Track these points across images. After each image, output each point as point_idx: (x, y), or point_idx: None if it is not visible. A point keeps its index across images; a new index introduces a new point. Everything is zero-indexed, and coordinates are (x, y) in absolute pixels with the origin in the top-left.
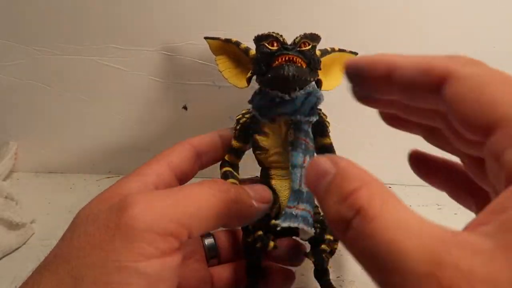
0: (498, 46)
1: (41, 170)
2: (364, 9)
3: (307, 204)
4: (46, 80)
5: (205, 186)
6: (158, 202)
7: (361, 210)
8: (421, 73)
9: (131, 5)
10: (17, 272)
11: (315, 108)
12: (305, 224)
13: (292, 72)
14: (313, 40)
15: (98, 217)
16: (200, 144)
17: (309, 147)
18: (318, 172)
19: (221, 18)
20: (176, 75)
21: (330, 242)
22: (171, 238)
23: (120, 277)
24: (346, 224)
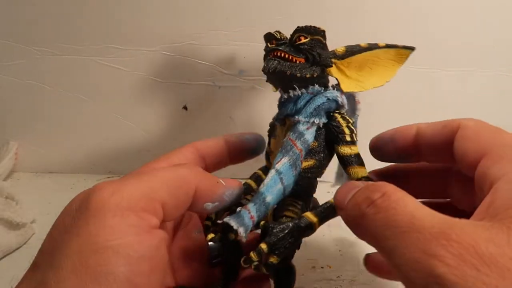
0: (497, 46)
1: (41, 170)
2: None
3: (252, 203)
4: (46, 80)
5: (168, 167)
6: (122, 184)
7: (386, 193)
8: (441, 127)
9: (131, 5)
10: (17, 272)
11: (321, 110)
12: (237, 221)
13: (272, 67)
14: (311, 34)
15: (72, 209)
16: (204, 148)
17: (294, 149)
18: (350, 187)
19: (221, 18)
20: (176, 75)
21: (261, 252)
22: (145, 214)
23: (97, 259)
24: (370, 202)
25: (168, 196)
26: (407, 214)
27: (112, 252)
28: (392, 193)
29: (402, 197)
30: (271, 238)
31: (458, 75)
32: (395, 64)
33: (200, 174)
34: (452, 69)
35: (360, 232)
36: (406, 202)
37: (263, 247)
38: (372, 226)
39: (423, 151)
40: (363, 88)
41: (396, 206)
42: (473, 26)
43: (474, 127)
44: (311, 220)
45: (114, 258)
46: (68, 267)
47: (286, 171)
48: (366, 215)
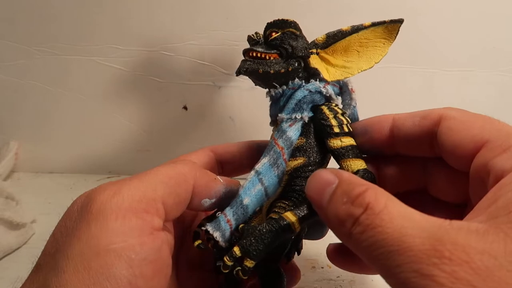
0: (497, 46)
1: (41, 170)
2: None
3: (229, 208)
4: (46, 80)
5: (166, 164)
6: (123, 185)
7: (369, 206)
8: (420, 119)
9: (131, 5)
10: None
11: (303, 104)
12: (213, 227)
13: (241, 68)
14: (281, 27)
15: (74, 211)
16: (223, 152)
17: (276, 148)
18: (320, 182)
19: (221, 18)
20: (176, 75)
21: (233, 255)
22: (146, 214)
23: (99, 262)
24: (354, 220)
25: (168, 194)
26: (395, 231)
27: (114, 255)
28: (374, 204)
29: (387, 206)
30: (243, 241)
31: (458, 75)
32: (385, 42)
33: (197, 170)
34: (452, 69)
35: (348, 245)
36: (391, 215)
37: (235, 250)
38: (360, 247)
39: (399, 144)
40: (349, 74)
41: (382, 222)
42: (473, 26)
43: (461, 117)
44: (290, 220)
45: (116, 261)
46: (70, 270)
47: (266, 171)
48: (352, 235)
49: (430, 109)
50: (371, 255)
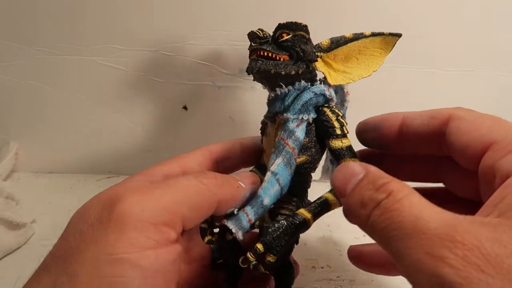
0: (497, 46)
1: (41, 170)
2: None
3: (249, 206)
4: (46, 80)
5: (191, 176)
6: (147, 194)
7: (392, 193)
8: (429, 118)
9: (131, 5)
10: (17, 272)
11: (309, 105)
12: (235, 225)
13: (255, 67)
14: (293, 30)
15: (90, 215)
16: (219, 151)
17: (287, 148)
18: (348, 173)
19: (221, 18)
20: (176, 75)
21: (257, 252)
22: (165, 227)
23: (114, 269)
24: (376, 204)
25: (189, 210)
26: (412, 215)
27: (129, 264)
28: (398, 191)
29: (408, 195)
30: (266, 238)
31: (458, 75)
32: (382, 52)
33: (223, 185)
34: (452, 69)
35: (365, 229)
36: (411, 201)
37: (259, 247)
38: (377, 228)
39: (408, 141)
40: (351, 80)
41: (401, 206)
42: (473, 26)
43: (469, 117)
44: (305, 217)
45: (130, 270)
46: (83, 275)
47: (282, 172)
48: (370, 217)
49: (439, 109)
50: (386, 236)
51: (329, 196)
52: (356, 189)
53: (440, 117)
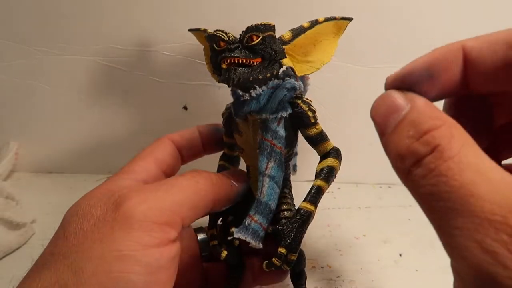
0: None
1: (41, 170)
2: None
3: (261, 215)
4: (46, 80)
5: (189, 176)
6: (150, 195)
7: (438, 148)
8: (505, 47)
9: (131, 5)
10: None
11: (285, 102)
12: (253, 238)
13: (234, 79)
14: (261, 31)
15: (92, 214)
16: (180, 140)
17: (275, 149)
18: (390, 106)
19: (221, 18)
20: (176, 75)
21: (282, 256)
22: (167, 227)
23: (120, 265)
24: (417, 160)
25: (188, 210)
26: (463, 187)
27: (135, 260)
28: (445, 147)
29: (459, 154)
30: (286, 241)
31: None
32: (335, 36)
33: (217, 184)
34: None
35: (405, 185)
36: (462, 165)
37: (283, 251)
38: (418, 191)
39: (477, 82)
40: (315, 68)
41: (449, 172)
42: (473, 26)
43: None
44: (310, 210)
45: (136, 267)
46: (89, 271)
47: (277, 173)
48: (411, 174)
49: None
50: (429, 204)
51: (321, 183)
52: (395, 131)
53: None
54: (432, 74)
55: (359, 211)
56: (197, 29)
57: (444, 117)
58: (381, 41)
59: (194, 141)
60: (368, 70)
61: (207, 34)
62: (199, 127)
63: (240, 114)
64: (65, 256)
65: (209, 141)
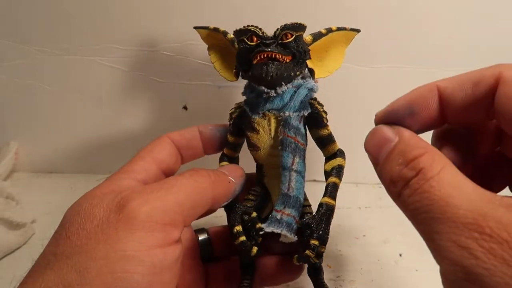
0: (497, 46)
1: (41, 170)
2: None
3: (293, 209)
4: (46, 80)
5: (188, 175)
6: (152, 195)
7: (422, 171)
8: (472, 87)
9: (131, 5)
10: (17, 272)
11: (306, 101)
12: (288, 230)
13: (272, 72)
14: (296, 30)
15: (95, 214)
16: (180, 139)
17: (299, 145)
18: (381, 139)
19: (221, 18)
20: (176, 75)
21: (315, 247)
22: (170, 227)
23: (124, 266)
24: (405, 182)
25: (190, 209)
26: (441, 199)
27: (139, 261)
28: (428, 170)
29: (439, 173)
30: (318, 233)
31: None
32: (343, 45)
33: (216, 182)
34: (452, 69)
35: (397, 204)
36: (442, 182)
37: (316, 243)
38: (407, 208)
39: (451, 116)
40: (329, 73)
41: (430, 188)
42: (473, 26)
43: None
44: (333, 204)
45: (140, 267)
46: (94, 271)
47: (302, 168)
48: (401, 196)
49: (482, 71)
50: (416, 218)
51: (336, 180)
52: (387, 160)
53: (486, 82)
54: (413, 111)
55: (359, 211)
56: (205, 27)
57: (428, 146)
58: (381, 41)
59: (194, 141)
60: (368, 70)
61: (238, 29)
62: (200, 127)
63: (259, 112)
64: (68, 256)
65: (210, 142)
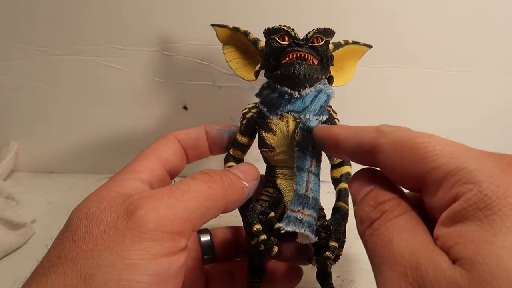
0: (497, 46)
1: (41, 170)
2: None
3: (313, 210)
4: (46, 80)
5: (200, 180)
6: (162, 203)
7: (385, 213)
8: (356, 145)
9: (131, 5)
10: (17, 272)
11: (325, 106)
12: (310, 230)
13: (303, 71)
14: (326, 35)
15: (102, 219)
16: (186, 139)
17: (317, 148)
18: (361, 182)
19: (221, 18)
20: (176, 75)
21: (335, 249)
22: (177, 236)
23: (130, 274)
24: (370, 223)
25: (200, 217)
26: (388, 247)
27: (145, 269)
28: (389, 213)
29: (396, 217)
30: (337, 235)
31: (458, 75)
32: (356, 59)
33: (229, 188)
34: (452, 69)
35: (363, 243)
36: (394, 227)
37: (335, 245)
38: (366, 247)
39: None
40: (344, 82)
41: (385, 231)
42: (473, 26)
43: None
44: (347, 209)
45: (146, 276)
46: (100, 279)
47: (319, 171)
48: (364, 235)
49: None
50: (371, 259)
51: (347, 187)
52: (362, 201)
53: (365, 148)
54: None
55: None
56: (224, 25)
57: (399, 193)
58: (381, 41)
59: (200, 141)
60: (368, 70)
61: (270, 27)
62: (206, 126)
63: (277, 112)
64: (73, 261)
65: (216, 142)
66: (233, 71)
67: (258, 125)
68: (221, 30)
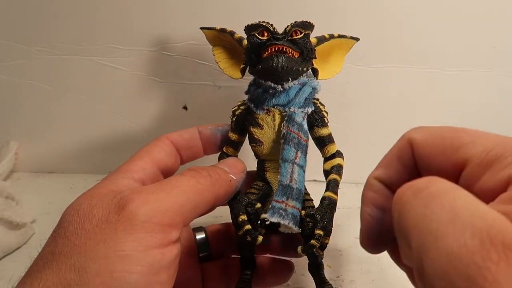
0: (497, 47)
1: (41, 170)
2: None
3: (296, 201)
4: (46, 80)
5: (188, 175)
6: (152, 196)
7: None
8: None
9: (131, 5)
10: (17, 272)
11: (310, 99)
12: (294, 222)
13: (281, 63)
14: (305, 28)
15: (94, 214)
16: (179, 140)
17: (302, 141)
18: None
19: (221, 18)
20: (176, 75)
21: (320, 237)
22: (169, 228)
23: (123, 265)
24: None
25: (190, 210)
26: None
27: (137, 261)
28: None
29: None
30: (323, 223)
31: (458, 75)
32: (343, 52)
33: (217, 182)
34: (452, 69)
35: None
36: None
37: (321, 233)
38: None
39: None
40: (330, 75)
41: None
42: (473, 26)
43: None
44: (335, 198)
45: (139, 267)
46: (93, 271)
47: (304, 164)
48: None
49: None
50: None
51: (336, 177)
52: None
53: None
54: None
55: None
56: (211, 28)
57: None
58: (381, 41)
59: (193, 141)
60: (368, 70)
61: (250, 24)
62: (199, 127)
63: (263, 107)
64: (67, 256)
65: (210, 142)
66: (222, 71)
67: (247, 121)
68: (209, 32)
